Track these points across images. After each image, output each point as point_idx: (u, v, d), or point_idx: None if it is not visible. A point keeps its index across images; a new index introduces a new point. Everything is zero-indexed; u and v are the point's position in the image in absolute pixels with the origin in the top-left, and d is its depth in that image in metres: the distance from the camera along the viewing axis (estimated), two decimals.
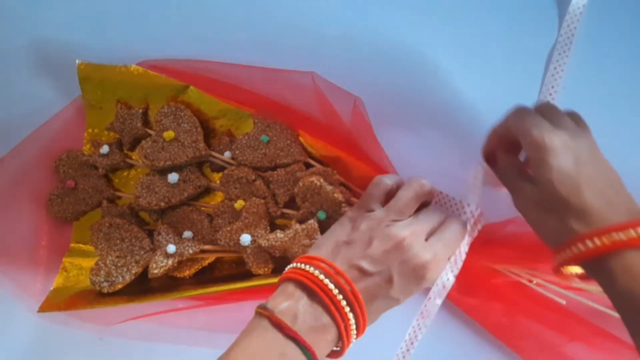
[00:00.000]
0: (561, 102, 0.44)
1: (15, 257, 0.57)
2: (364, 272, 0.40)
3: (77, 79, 0.57)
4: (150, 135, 0.56)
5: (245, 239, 0.51)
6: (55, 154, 0.58)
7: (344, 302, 0.39)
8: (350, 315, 0.39)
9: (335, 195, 0.50)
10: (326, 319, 0.38)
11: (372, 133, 0.53)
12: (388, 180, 0.47)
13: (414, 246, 0.41)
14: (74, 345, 0.56)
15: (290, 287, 0.40)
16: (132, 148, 0.58)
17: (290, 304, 0.39)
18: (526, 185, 0.40)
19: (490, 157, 0.47)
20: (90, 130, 0.59)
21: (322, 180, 0.51)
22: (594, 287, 0.49)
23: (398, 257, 0.41)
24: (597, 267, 0.36)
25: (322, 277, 0.39)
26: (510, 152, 0.44)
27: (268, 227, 0.52)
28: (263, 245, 0.50)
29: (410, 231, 0.42)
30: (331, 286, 0.39)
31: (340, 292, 0.39)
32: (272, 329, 0.37)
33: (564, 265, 0.38)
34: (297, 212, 0.52)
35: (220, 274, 0.55)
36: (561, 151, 0.38)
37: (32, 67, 0.60)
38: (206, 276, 0.55)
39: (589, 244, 0.36)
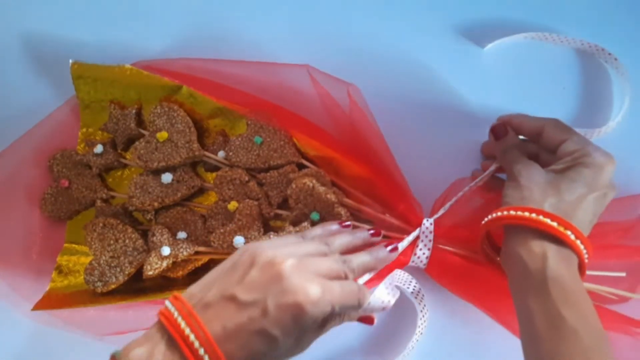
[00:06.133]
0: None
1: (8, 256, 0.57)
2: (237, 303, 0.36)
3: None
4: (144, 135, 0.56)
5: (239, 241, 0.51)
6: (50, 153, 0.58)
7: (201, 351, 0.35)
8: None
9: (328, 196, 0.50)
10: None
11: (369, 122, 0.54)
12: (309, 234, 0.45)
13: (294, 276, 0.36)
14: (74, 346, 0.57)
15: (153, 329, 0.37)
16: (126, 148, 0.58)
17: (146, 349, 0.36)
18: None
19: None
20: (84, 130, 0.59)
21: (314, 181, 0.51)
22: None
23: (276, 286, 0.36)
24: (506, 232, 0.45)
25: (179, 319, 0.36)
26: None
27: (261, 229, 0.53)
28: None
29: (299, 256, 0.38)
30: (188, 331, 0.35)
31: (196, 339, 0.35)
32: None
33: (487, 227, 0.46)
34: (290, 213, 0.53)
35: None
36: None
37: (27, 66, 0.60)
38: (199, 276, 0.55)
39: (500, 214, 0.44)
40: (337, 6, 0.60)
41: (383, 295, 0.47)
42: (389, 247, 0.46)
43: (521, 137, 0.51)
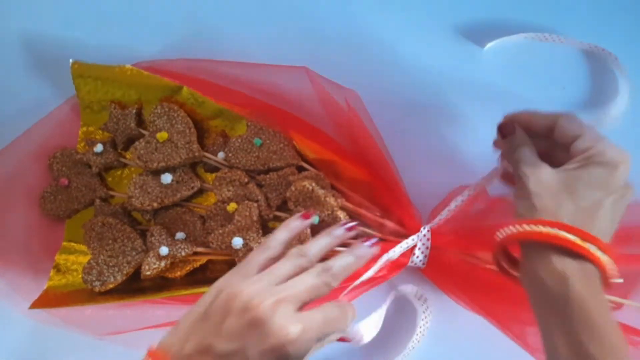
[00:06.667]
0: None
1: (7, 254, 0.57)
2: (218, 355, 0.35)
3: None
4: (144, 135, 0.56)
5: (237, 242, 0.51)
6: (50, 152, 0.58)
7: None
8: None
9: (328, 199, 0.51)
10: None
11: (367, 131, 0.54)
12: (276, 243, 0.41)
13: (273, 318, 0.35)
14: (73, 345, 0.57)
15: None
16: (126, 148, 0.58)
17: None
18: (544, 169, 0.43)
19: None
20: (84, 129, 0.59)
21: (314, 184, 0.51)
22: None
23: (255, 332, 0.35)
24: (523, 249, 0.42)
25: None
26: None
27: (260, 231, 0.53)
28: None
29: (276, 299, 0.36)
30: None
31: None
32: None
33: (502, 244, 0.43)
34: (289, 215, 0.53)
35: (212, 274, 0.56)
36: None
37: (27, 65, 0.60)
38: (198, 276, 0.56)
39: (513, 229, 0.41)
40: (336, 7, 0.60)
41: (369, 326, 0.48)
42: (369, 242, 0.43)
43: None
